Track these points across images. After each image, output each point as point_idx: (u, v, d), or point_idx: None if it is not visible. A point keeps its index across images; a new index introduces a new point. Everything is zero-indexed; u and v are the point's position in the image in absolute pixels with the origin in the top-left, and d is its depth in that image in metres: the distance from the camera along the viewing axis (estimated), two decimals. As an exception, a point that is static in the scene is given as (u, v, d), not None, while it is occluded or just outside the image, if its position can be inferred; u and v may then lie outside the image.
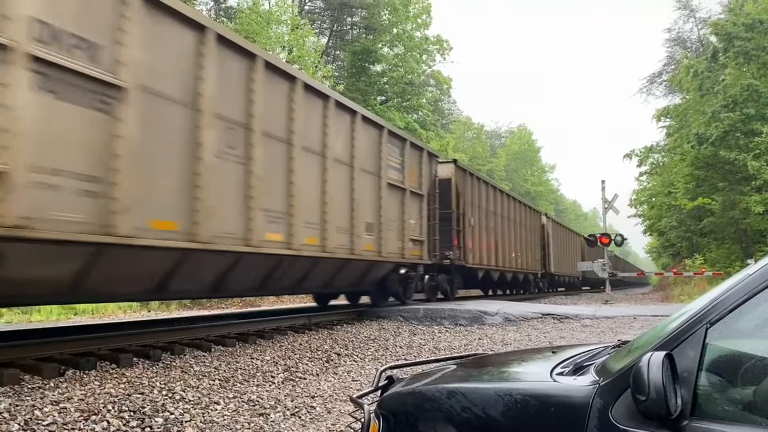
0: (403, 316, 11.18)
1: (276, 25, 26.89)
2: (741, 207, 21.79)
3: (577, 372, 1.94)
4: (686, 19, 36.33)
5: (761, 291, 1.49)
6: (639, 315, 12.37)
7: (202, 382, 5.39)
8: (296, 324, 9.28)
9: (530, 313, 12.14)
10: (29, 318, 12.26)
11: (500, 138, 73.00)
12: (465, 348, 8.57)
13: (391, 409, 2.16)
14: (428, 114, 33.68)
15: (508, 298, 20.25)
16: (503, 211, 19.64)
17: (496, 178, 49.15)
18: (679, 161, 27.03)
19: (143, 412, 4.37)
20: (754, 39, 21.41)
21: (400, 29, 33.33)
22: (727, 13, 26.47)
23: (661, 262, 50.17)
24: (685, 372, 1.49)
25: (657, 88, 39.06)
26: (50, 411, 4.10)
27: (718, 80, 23.28)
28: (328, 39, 35.13)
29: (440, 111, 40.49)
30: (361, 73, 32.18)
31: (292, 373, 6.27)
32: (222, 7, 30.18)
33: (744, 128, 20.81)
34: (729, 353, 1.59)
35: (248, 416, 4.64)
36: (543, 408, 1.73)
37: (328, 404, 5.22)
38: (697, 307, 1.59)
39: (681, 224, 31.46)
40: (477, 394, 1.93)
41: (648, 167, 31.54)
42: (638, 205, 37.02)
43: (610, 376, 1.67)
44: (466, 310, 11.49)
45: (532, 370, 2.32)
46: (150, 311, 14.56)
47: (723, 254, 26.11)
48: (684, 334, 1.55)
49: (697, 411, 1.46)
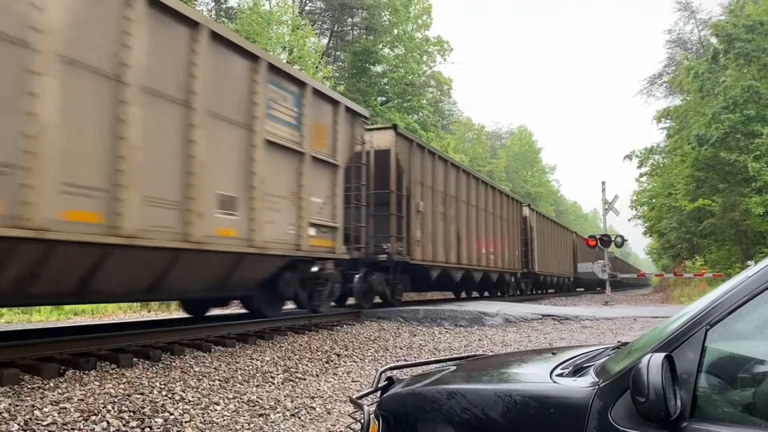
0: (403, 317, 11.18)
1: (276, 26, 26.90)
2: (741, 208, 21.79)
3: (577, 373, 1.94)
4: (687, 21, 36.37)
5: (761, 292, 1.49)
6: (639, 316, 12.38)
7: (202, 383, 5.39)
8: (296, 325, 9.26)
9: (530, 314, 12.16)
10: (29, 318, 12.27)
11: (501, 139, 73.02)
12: (465, 349, 8.58)
13: (390, 410, 2.16)
14: (429, 115, 33.68)
15: (509, 299, 19.10)
16: (470, 197, 16.57)
17: (496, 178, 49.15)
18: (679, 162, 27.03)
19: (143, 412, 4.37)
20: (754, 40, 21.42)
21: (401, 30, 33.34)
22: (728, 14, 26.47)
23: (662, 264, 50.20)
24: (685, 373, 1.49)
25: (657, 89, 39.11)
26: (50, 411, 4.11)
27: (719, 81, 23.28)
28: (328, 40, 35.14)
29: (441, 112, 40.47)
30: (362, 73, 32.19)
31: (291, 373, 6.27)
32: (222, 7, 30.18)
33: (744, 130, 20.82)
34: (729, 355, 1.59)
35: (248, 417, 4.64)
36: (543, 409, 1.73)
37: (327, 405, 5.22)
38: (697, 309, 1.60)
39: (681, 225, 31.46)
40: (477, 395, 1.93)
41: (648, 168, 31.55)
42: (638, 207, 37.03)
43: (609, 377, 1.67)
44: (466, 311, 11.51)
45: (531, 372, 2.32)
46: (150, 311, 14.57)
47: (723, 255, 26.12)
48: (684, 335, 1.55)
49: (697, 412, 1.46)
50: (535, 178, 68.16)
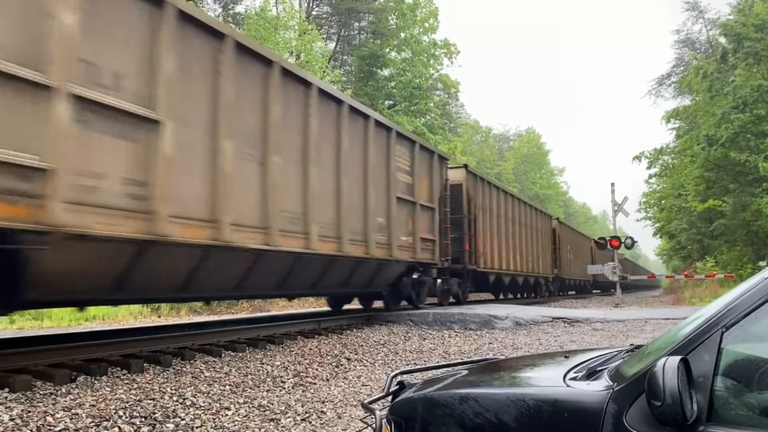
0: (412, 321, 11.15)
1: (284, 31, 27.02)
2: (752, 209, 21.63)
3: (591, 377, 1.92)
4: (695, 21, 36.16)
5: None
6: (650, 318, 12.30)
7: (213, 388, 5.39)
8: (306, 329, 9.28)
9: (540, 316, 12.09)
10: (41, 324, 12.34)
11: (508, 141, 72.89)
12: (475, 352, 8.54)
13: (402, 415, 2.16)
14: (436, 118, 33.69)
15: (519, 301, 20.29)
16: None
17: (504, 181, 49.09)
18: (689, 163, 26.86)
19: (154, 417, 4.38)
20: (763, 39, 21.28)
21: (408, 33, 33.37)
22: (736, 13, 26.31)
23: (672, 265, 49.89)
24: (701, 377, 1.48)
25: (666, 89, 38.88)
26: (62, 417, 4.12)
27: (728, 81, 23.12)
28: (335, 44, 35.24)
29: (448, 114, 40.40)
30: (369, 77, 32.25)
31: (302, 378, 6.27)
32: (230, 13, 30.35)
33: (755, 129, 20.68)
34: (745, 357, 1.57)
35: (259, 422, 4.64)
36: (556, 413, 1.71)
37: (338, 409, 5.21)
38: (712, 311, 1.58)
39: (692, 226, 31.23)
40: (489, 400, 1.92)
41: (658, 169, 31.38)
42: (648, 208, 36.83)
43: (624, 381, 1.65)
44: (476, 315, 11.45)
45: (544, 375, 2.31)
46: (160, 317, 14.63)
47: (734, 256, 25.92)
48: (699, 338, 1.53)
49: (714, 416, 1.44)
50: (543, 180, 67.95)
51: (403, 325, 10.94)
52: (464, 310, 12.13)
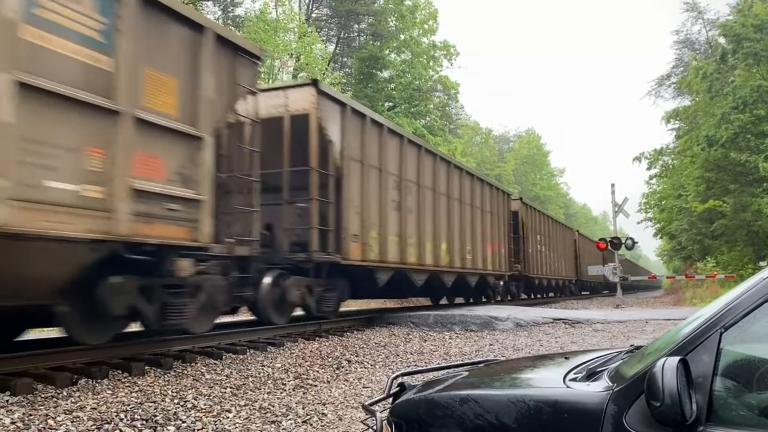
0: (413, 322, 11.16)
1: (283, 33, 27.04)
2: (753, 209, 21.61)
3: (591, 378, 1.93)
4: (694, 21, 36.14)
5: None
6: (651, 319, 12.29)
7: (214, 390, 5.40)
8: (306, 331, 9.27)
9: (541, 318, 12.08)
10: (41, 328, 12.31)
11: (508, 142, 72.88)
12: (476, 354, 8.54)
13: (403, 417, 2.16)
14: (436, 119, 33.71)
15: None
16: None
17: (504, 182, 49.04)
18: (689, 163, 26.86)
19: (155, 420, 4.38)
20: (763, 40, 21.27)
21: (407, 35, 33.42)
22: (736, 14, 26.30)
23: (673, 265, 49.84)
24: (700, 377, 1.48)
25: (666, 90, 38.82)
26: (63, 420, 4.13)
27: (728, 82, 23.12)
28: (335, 46, 35.27)
29: (448, 116, 40.43)
30: (369, 79, 32.27)
31: (303, 380, 6.27)
32: (230, 15, 30.37)
33: (754, 130, 20.66)
34: (744, 358, 1.58)
35: (260, 424, 4.64)
36: (556, 414, 1.72)
37: (339, 411, 5.21)
38: (711, 312, 1.59)
39: (692, 227, 31.19)
40: (490, 401, 1.93)
41: (658, 170, 31.37)
42: (648, 209, 36.79)
43: (623, 381, 1.66)
44: (477, 316, 11.46)
45: (544, 376, 2.31)
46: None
47: (735, 257, 25.91)
48: (698, 338, 1.54)
49: (713, 416, 1.45)
50: (543, 181, 67.97)
51: (404, 326, 10.95)
52: (465, 311, 12.14)
